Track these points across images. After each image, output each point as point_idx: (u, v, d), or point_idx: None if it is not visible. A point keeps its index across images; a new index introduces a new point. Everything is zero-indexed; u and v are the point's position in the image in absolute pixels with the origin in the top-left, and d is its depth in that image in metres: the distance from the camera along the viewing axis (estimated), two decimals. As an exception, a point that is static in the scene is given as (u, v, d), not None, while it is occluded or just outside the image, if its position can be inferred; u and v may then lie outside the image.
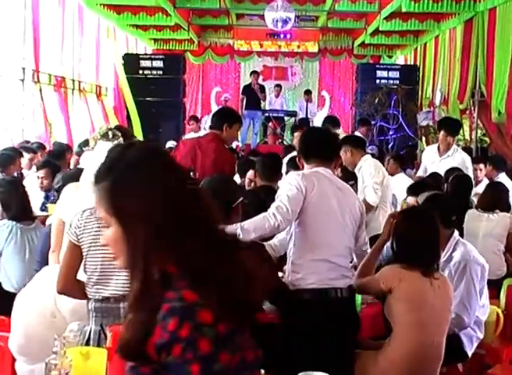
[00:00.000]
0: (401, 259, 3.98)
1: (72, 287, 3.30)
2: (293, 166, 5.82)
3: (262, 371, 2.78)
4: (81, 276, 3.33)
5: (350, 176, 6.16)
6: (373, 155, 7.50)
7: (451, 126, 8.14)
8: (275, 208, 3.66)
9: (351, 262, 4.09)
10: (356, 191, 6.18)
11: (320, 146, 4.06)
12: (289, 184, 3.77)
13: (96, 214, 3.17)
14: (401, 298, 3.83)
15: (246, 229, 3.61)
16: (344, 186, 4.06)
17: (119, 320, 3.16)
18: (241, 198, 3.88)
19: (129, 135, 4.09)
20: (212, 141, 6.00)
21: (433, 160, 8.06)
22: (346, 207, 3.94)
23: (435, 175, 7.47)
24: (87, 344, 3.16)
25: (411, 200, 5.22)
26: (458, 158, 7.80)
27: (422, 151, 11.93)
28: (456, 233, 4.57)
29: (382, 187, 6.44)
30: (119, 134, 3.99)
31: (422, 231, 3.99)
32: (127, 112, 15.63)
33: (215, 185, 3.87)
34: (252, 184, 6.41)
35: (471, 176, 7.53)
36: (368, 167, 6.48)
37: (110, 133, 3.93)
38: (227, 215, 3.79)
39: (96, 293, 3.21)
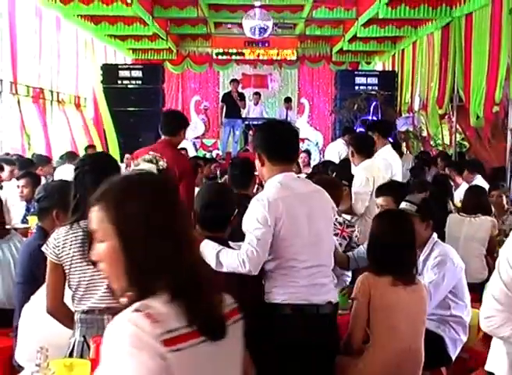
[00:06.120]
0: (372, 265, 3.94)
1: (61, 310, 3.28)
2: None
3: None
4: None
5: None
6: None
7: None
8: (245, 254, 3.48)
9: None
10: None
11: (285, 145, 3.76)
12: (256, 221, 3.54)
13: (73, 230, 3.18)
14: (375, 307, 3.81)
15: (220, 261, 3.51)
16: (311, 190, 3.82)
17: (102, 331, 3.12)
18: (236, 210, 3.80)
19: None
20: (166, 147, 5.81)
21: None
22: (319, 215, 3.73)
23: (421, 180, 7.50)
24: (71, 355, 3.15)
25: (380, 200, 5.25)
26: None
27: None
28: (434, 234, 4.56)
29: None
30: (165, 165, 4.12)
31: (392, 236, 3.91)
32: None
33: (215, 197, 3.79)
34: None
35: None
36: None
37: (154, 159, 4.07)
38: (224, 226, 3.76)
39: (82, 305, 3.20)
